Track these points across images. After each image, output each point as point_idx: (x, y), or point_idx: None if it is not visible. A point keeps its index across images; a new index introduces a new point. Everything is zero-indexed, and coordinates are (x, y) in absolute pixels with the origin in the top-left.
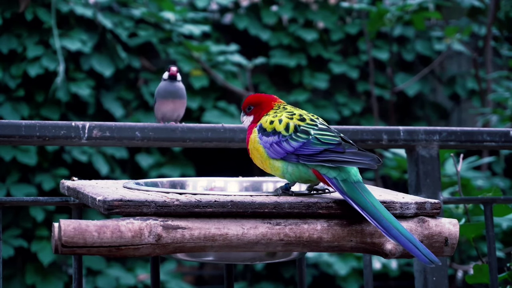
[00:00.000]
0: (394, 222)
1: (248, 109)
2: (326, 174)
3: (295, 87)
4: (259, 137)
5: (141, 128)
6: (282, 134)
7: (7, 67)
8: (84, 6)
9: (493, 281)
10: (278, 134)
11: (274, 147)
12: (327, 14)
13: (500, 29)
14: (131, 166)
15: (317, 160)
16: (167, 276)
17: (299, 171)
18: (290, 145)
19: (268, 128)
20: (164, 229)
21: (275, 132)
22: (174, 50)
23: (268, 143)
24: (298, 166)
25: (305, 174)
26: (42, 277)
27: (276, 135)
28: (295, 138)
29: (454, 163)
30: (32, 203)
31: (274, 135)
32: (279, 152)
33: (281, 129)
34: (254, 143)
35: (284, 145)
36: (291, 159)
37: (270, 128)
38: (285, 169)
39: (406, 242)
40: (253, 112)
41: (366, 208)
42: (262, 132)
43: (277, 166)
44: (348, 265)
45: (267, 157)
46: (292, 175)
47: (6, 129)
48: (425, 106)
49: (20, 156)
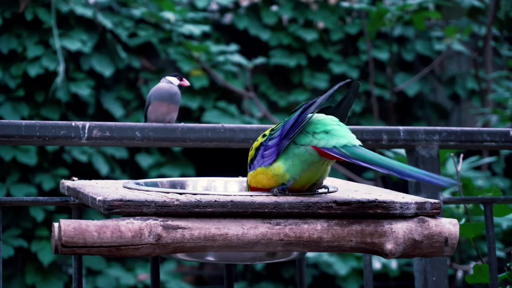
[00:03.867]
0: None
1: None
2: (325, 146)
3: (295, 87)
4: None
5: (141, 128)
6: (263, 141)
7: (7, 67)
8: (84, 6)
9: (493, 281)
10: (260, 145)
11: (265, 154)
12: (327, 14)
13: (500, 29)
14: (131, 166)
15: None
16: (167, 276)
17: (298, 157)
18: (274, 137)
19: (252, 155)
20: (164, 229)
21: (257, 149)
22: (174, 50)
23: (259, 160)
24: (295, 151)
25: (304, 155)
26: (42, 277)
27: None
28: (274, 131)
29: (454, 163)
30: (32, 203)
31: (259, 150)
32: (271, 153)
33: (260, 141)
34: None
35: (270, 143)
36: (283, 145)
37: (252, 154)
38: (285, 164)
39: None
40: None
41: (373, 162)
42: (251, 164)
43: (277, 166)
44: (348, 265)
45: (266, 168)
46: (294, 166)
47: (6, 129)
48: (425, 106)
49: (20, 156)
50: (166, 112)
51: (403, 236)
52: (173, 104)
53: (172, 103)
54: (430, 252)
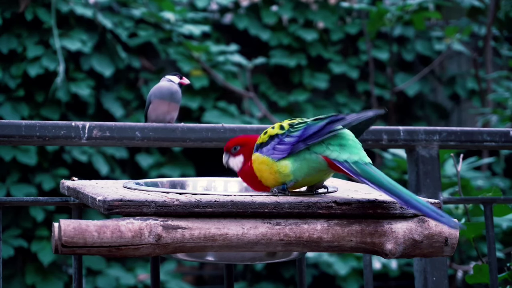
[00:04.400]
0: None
1: (234, 149)
2: (337, 158)
3: (295, 87)
4: (259, 153)
5: (141, 128)
6: (280, 134)
7: (7, 67)
8: (84, 6)
9: (493, 281)
10: (276, 136)
11: (278, 148)
12: (327, 14)
13: (500, 29)
14: (131, 166)
15: (324, 134)
16: (167, 276)
17: (307, 162)
18: (293, 136)
19: (264, 139)
20: (164, 229)
21: (272, 137)
22: (174, 50)
23: (270, 149)
24: (305, 156)
25: (314, 162)
26: (42, 277)
27: (274, 138)
28: (294, 130)
29: (454, 163)
30: (32, 203)
31: (273, 139)
32: (283, 149)
33: (277, 131)
34: (257, 159)
35: (286, 140)
36: (298, 148)
37: (266, 138)
38: (293, 165)
39: (429, 211)
40: (241, 151)
41: (382, 185)
42: (260, 147)
43: (284, 165)
44: (348, 265)
45: (273, 162)
46: (301, 170)
47: (6, 129)
48: (425, 106)
49: (20, 156)
50: (167, 111)
51: (403, 236)
52: (174, 103)
53: (172, 101)
54: (430, 252)
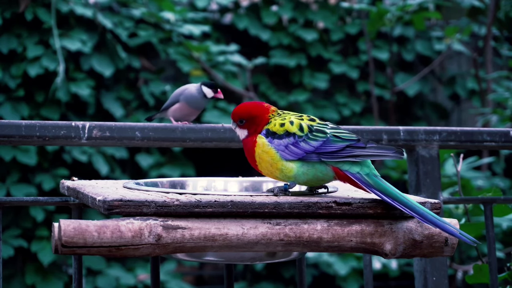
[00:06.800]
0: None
1: (240, 122)
2: (349, 170)
3: (295, 87)
4: (269, 141)
5: (141, 128)
6: (298, 135)
7: (7, 67)
8: (84, 6)
9: (493, 281)
10: (293, 135)
11: (291, 148)
12: (327, 14)
13: (500, 29)
14: (131, 166)
15: (341, 157)
16: (167, 276)
17: (315, 170)
18: (310, 144)
19: (279, 131)
20: (164, 229)
21: (288, 134)
22: (174, 50)
23: (282, 145)
24: (315, 165)
25: (322, 172)
26: (42, 277)
27: (290, 136)
28: (312, 137)
29: (454, 163)
30: (32, 203)
31: (288, 137)
32: (296, 153)
33: (295, 130)
34: (263, 147)
35: (302, 145)
36: (311, 158)
37: (281, 131)
38: (299, 170)
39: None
40: (246, 126)
41: (396, 198)
42: (272, 136)
43: (290, 167)
44: (348, 265)
45: (280, 159)
46: (305, 175)
47: (6, 129)
48: (425, 106)
49: (20, 156)
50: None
51: (403, 236)
52: (198, 110)
53: (198, 110)
54: (430, 252)
